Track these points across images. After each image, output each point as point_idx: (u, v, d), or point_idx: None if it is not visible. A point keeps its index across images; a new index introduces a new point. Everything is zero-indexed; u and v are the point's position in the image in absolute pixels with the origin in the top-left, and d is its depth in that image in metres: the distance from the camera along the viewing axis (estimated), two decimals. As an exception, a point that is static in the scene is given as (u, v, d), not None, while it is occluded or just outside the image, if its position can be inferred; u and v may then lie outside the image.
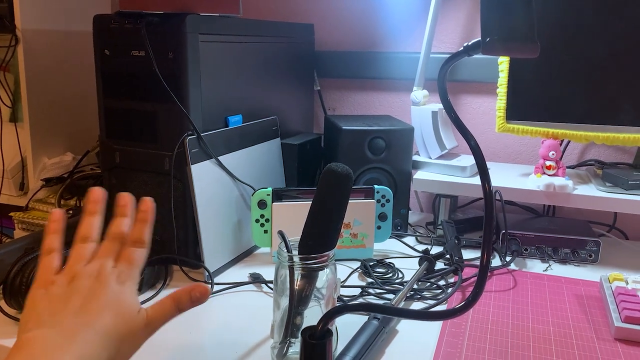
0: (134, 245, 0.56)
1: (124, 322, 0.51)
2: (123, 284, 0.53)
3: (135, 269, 0.55)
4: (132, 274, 0.54)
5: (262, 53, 1.03)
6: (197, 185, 0.84)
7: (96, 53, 0.89)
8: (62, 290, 0.51)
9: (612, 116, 1.00)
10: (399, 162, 1.06)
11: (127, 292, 0.53)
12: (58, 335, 0.47)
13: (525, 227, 1.01)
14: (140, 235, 0.57)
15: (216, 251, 0.89)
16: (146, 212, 0.58)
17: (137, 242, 0.56)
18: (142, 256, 0.56)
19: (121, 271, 0.54)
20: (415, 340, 0.71)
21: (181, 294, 0.55)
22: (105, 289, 0.51)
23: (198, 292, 0.55)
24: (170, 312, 0.54)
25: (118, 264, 0.54)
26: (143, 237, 0.57)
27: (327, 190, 0.62)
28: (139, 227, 0.57)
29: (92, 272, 0.52)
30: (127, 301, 0.52)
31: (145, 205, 0.58)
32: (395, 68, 1.28)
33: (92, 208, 0.57)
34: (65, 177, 1.19)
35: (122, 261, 0.55)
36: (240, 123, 0.96)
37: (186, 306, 0.55)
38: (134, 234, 0.57)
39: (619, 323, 0.73)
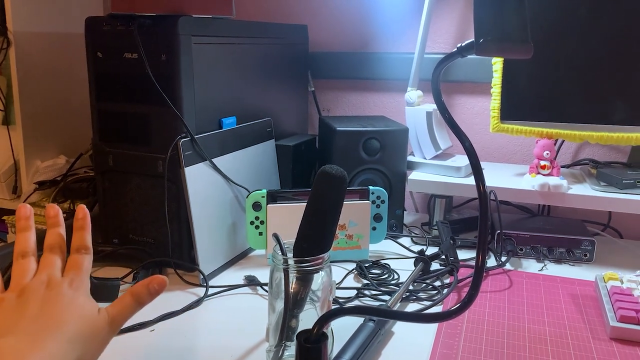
0: (78, 252, 0.56)
1: (87, 324, 0.51)
2: (76, 289, 0.53)
3: (84, 274, 0.55)
4: (82, 280, 0.55)
5: (255, 54, 1.02)
6: (191, 187, 0.84)
7: (88, 55, 0.89)
8: (14, 303, 0.51)
9: (606, 116, 1.00)
10: (393, 162, 1.05)
11: (82, 296, 0.53)
12: (22, 341, 0.46)
13: (520, 227, 1.01)
14: (81, 242, 0.57)
15: (211, 254, 0.89)
16: (83, 219, 0.58)
17: (80, 248, 0.57)
18: (89, 262, 0.57)
19: (72, 278, 0.54)
20: (412, 341, 0.71)
21: (139, 288, 0.55)
22: (58, 294, 0.51)
23: (156, 284, 0.55)
24: (130, 307, 0.54)
25: (66, 272, 0.54)
26: (85, 243, 0.57)
27: (321, 193, 0.61)
28: (79, 234, 0.57)
29: (41, 282, 0.52)
30: (84, 303, 0.52)
31: (81, 212, 0.58)
32: (390, 68, 1.28)
33: (24, 224, 0.57)
34: (58, 180, 1.18)
35: (70, 269, 0.55)
36: (234, 125, 0.95)
37: (146, 299, 0.55)
38: (75, 242, 0.57)
39: (614, 322, 0.73)
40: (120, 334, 0.72)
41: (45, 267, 0.54)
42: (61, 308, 0.50)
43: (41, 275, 0.53)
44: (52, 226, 0.58)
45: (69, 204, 1.13)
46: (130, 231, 0.92)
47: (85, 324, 0.51)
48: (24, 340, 0.46)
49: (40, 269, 0.54)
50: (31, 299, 0.50)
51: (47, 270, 0.54)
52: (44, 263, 0.55)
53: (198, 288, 0.85)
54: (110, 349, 0.68)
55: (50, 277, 0.53)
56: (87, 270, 0.56)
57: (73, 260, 0.56)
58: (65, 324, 0.49)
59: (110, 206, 0.93)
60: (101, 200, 0.94)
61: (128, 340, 0.71)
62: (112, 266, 0.91)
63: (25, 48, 1.15)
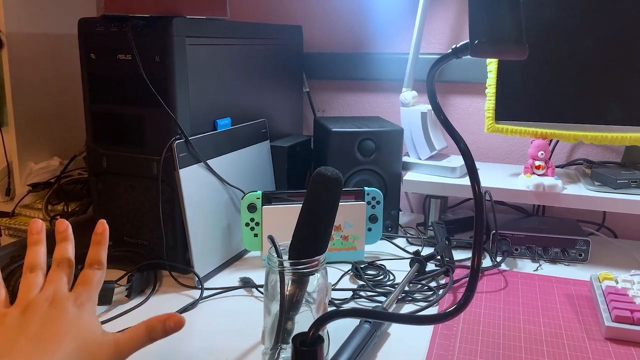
0: (90, 267, 0.55)
1: (85, 346, 0.49)
2: (81, 306, 0.52)
3: (94, 290, 0.54)
4: (90, 296, 0.54)
5: (250, 55, 1.02)
6: (185, 189, 0.83)
7: (82, 57, 0.88)
8: (16, 320, 0.50)
9: (601, 116, 1.00)
10: (388, 163, 1.05)
11: (86, 315, 0.52)
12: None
13: (515, 227, 1.01)
14: (96, 256, 0.56)
15: (206, 256, 0.88)
16: (101, 235, 0.58)
17: (93, 263, 0.56)
18: (100, 278, 0.56)
19: (78, 294, 0.53)
20: (407, 343, 0.71)
21: (155, 322, 0.54)
22: (62, 313, 0.50)
23: (172, 322, 0.54)
24: (141, 339, 0.53)
25: (75, 288, 0.54)
26: (100, 259, 0.56)
27: (316, 195, 0.61)
28: (95, 249, 0.57)
29: (45, 297, 0.52)
30: (86, 324, 0.51)
31: (101, 227, 0.58)
32: (384, 69, 1.28)
33: (35, 238, 0.57)
34: (52, 182, 1.18)
35: (79, 284, 0.54)
36: (229, 126, 0.95)
37: (159, 335, 0.53)
38: (89, 257, 0.56)
39: (609, 322, 0.73)
40: (115, 337, 0.71)
41: (51, 282, 0.54)
42: (61, 328, 0.49)
43: (47, 291, 0.52)
44: (61, 241, 0.57)
45: (62, 206, 1.13)
46: (125, 233, 0.91)
47: (85, 347, 0.49)
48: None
49: (47, 284, 0.53)
50: (33, 317, 0.50)
51: (53, 285, 0.53)
52: (51, 278, 0.54)
53: (193, 290, 0.85)
54: (105, 352, 0.68)
55: (56, 293, 0.52)
56: (96, 286, 0.55)
57: (84, 275, 0.55)
58: (62, 347, 0.48)
59: (104, 208, 0.93)
60: (95, 202, 0.93)
61: (123, 343, 0.70)
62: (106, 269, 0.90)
63: (18, 49, 1.14)
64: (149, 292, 0.83)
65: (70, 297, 0.52)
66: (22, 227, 1.08)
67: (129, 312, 0.78)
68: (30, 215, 1.11)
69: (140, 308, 0.79)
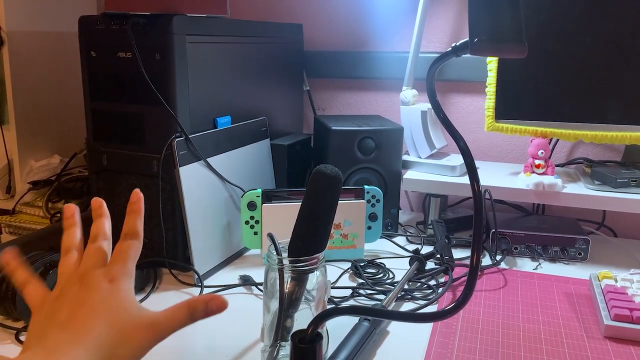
0: (125, 239, 0.53)
1: (118, 327, 0.47)
2: (114, 282, 0.49)
3: (129, 262, 0.51)
4: (126, 270, 0.51)
5: (250, 53, 1.02)
6: (185, 187, 0.84)
7: (82, 55, 0.88)
8: (50, 306, 0.48)
9: (601, 115, 1.00)
10: (388, 162, 1.05)
11: (120, 292, 0.49)
12: (39, 356, 0.43)
13: (515, 226, 1.01)
14: (132, 226, 0.53)
15: (206, 253, 0.88)
16: (136, 203, 0.54)
17: (129, 234, 0.53)
18: (136, 249, 0.53)
19: (110, 268, 0.50)
20: (407, 340, 0.71)
21: (197, 303, 0.50)
22: (92, 291, 0.48)
23: (215, 305, 0.50)
24: (182, 319, 0.50)
25: (110, 262, 0.51)
26: (135, 229, 0.53)
27: (316, 193, 0.61)
28: (130, 218, 0.54)
29: (77, 277, 0.50)
30: (120, 302, 0.48)
31: (136, 196, 0.55)
32: (385, 68, 1.28)
33: (70, 222, 0.56)
34: (52, 179, 1.18)
35: (114, 257, 0.51)
36: (229, 124, 0.95)
37: (200, 316, 0.50)
38: (125, 227, 0.53)
39: (608, 321, 0.73)
40: (115, 335, 0.71)
41: (84, 259, 0.52)
42: (91, 309, 0.47)
43: (79, 270, 0.51)
44: (97, 217, 0.55)
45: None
46: (125, 231, 0.91)
47: (118, 328, 0.47)
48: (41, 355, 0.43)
49: (82, 262, 0.52)
50: (64, 301, 0.48)
51: (86, 262, 0.51)
52: (85, 255, 0.52)
53: (193, 288, 0.85)
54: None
55: (86, 270, 0.50)
56: (132, 259, 0.52)
57: (118, 248, 0.52)
58: (92, 331, 0.45)
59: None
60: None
61: (122, 340, 0.70)
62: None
63: (18, 47, 1.14)
64: (149, 289, 0.84)
65: (101, 273, 0.49)
66: (22, 224, 1.08)
67: (128, 309, 0.78)
68: (30, 212, 1.12)
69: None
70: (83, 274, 0.50)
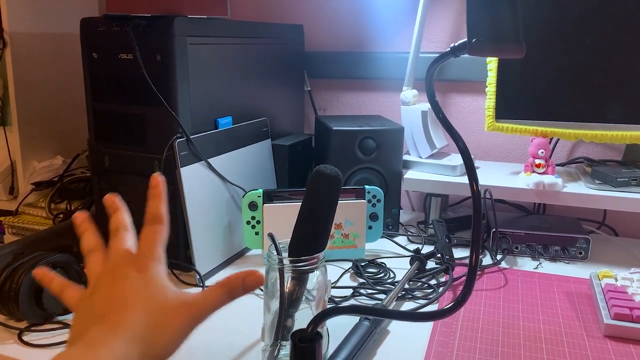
0: (150, 224, 0.52)
1: (154, 313, 0.46)
2: (142, 269, 0.49)
3: (156, 247, 0.51)
4: (154, 255, 0.50)
5: (251, 54, 1.03)
6: (186, 188, 0.84)
7: (84, 56, 0.89)
8: (87, 303, 0.49)
9: (601, 114, 1.00)
10: (389, 162, 1.06)
11: (151, 277, 0.48)
12: (80, 350, 0.44)
13: (515, 225, 1.01)
14: (154, 211, 0.52)
15: (207, 254, 0.89)
16: (157, 187, 0.54)
17: (153, 219, 0.52)
18: (162, 233, 0.52)
19: (138, 257, 0.50)
20: (407, 340, 0.72)
21: (234, 280, 0.49)
22: (123, 283, 0.48)
23: (253, 280, 0.49)
24: (221, 298, 0.49)
25: (137, 251, 0.51)
26: (159, 212, 0.52)
27: (316, 193, 0.62)
28: (152, 203, 0.53)
29: (107, 272, 0.50)
30: (153, 287, 0.48)
31: (155, 180, 0.54)
32: (385, 68, 1.28)
33: (83, 228, 0.56)
34: (55, 180, 1.19)
35: (140, 246, 0.51)
36: (230, 125, 0.96)
37: (239, 293, 0.49)
38: (148, 212, 0.52)
39: (608, 320, 0.73)
40: (117, 334, 0.72)
41: (110, 254, 0.52)
42: (124, 299, 0.47)
43: (108, 265, 0.51)
44: (113, 212, 0.55)
45: (65, 205, 1.14)
46: (127, 231, 0.92)
47: (154, 314, 0.46)
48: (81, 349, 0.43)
49: (108, 257, 0.52)
50: (98, 297, 0.48)
51: (113, 256, 0.51)
52: (110, 250, 0.52)
53: (194, 288, 0.85)
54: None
55: (115, 263, 0.50)
56: (159, 244, 0.51)
57: (143, 236, 0.51)
58: (128, 322, 0.45)
59: (106, 207, 0.93)
60: (97, 201, 0.94)
61: (124, 340, 0.71)
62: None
63: (21, 49, 1.15)
64: (151, 289, 0.84)
65: (129, 263, 0.49)
66: (25, 225, 1.08)
67: (130, 309, 0.79)
68: (33, 213, 1.12)
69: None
70: (112, 268, 0.50)
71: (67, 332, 0.72)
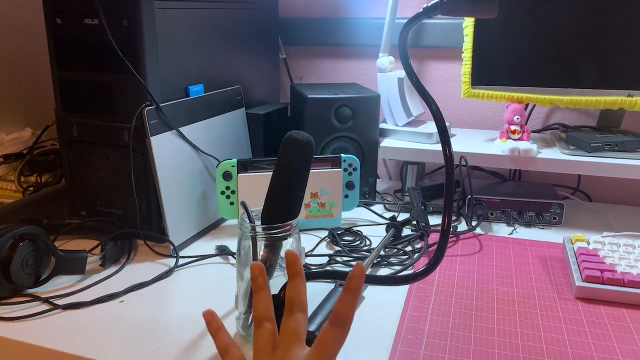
0: (332, 324, 0.45)
1: None
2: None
3: (329, 355, 0.45)
4: None
5: (223, 20, 1.00)
6: (157, 157, 0.82)
7: (47, 22, 0.85)
8: None
9: (576, 79, 1.00)
10: (365, 130, 1.05)
11: None
12: None
13: (491, 192, 1.01)
14: (342, 311, 0.45)
15: (181, 224, 0.88)
16: (354, 279, 0.46)
17: (336, 319, 0.46)
18: (340, 339, 0.45)
19: None
20: (382, 305, 0.72)
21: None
22: None
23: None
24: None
25: (310, 352, 0.45)
26: (347, 315, 0.45)
27: (287, 159, 0.61)
28: (344, 300, 0.45)
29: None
30: None
31: (358, 271, 0.46)
32: (362, 34, 1.26)
33: (258, 284, 0.51)
34: (24, 153, 1.16)
35: (314, 349, 0.45)
36: (201, 93, 0.93)
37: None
38: (336, 309, 0.45)
39: (579, 282, 0.74)
40: (89, 306, 0.71)
41: (281, 341, 0.48)
42: None
43: (277, 355, 0.47)
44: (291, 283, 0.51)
45: (35, 177, 1.11)
46: (98, 203, 0.90)
47: None
48: None
49: (279, 346, 0.48)
50: None
51: (283, 347, 0.47)
52: (282, 336, 0.48)
53: (168, 259, 0.84)
54: (79, 320, 0.68)
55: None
56: (332, 352, 0.46)
57: (320, 336, 0.46)
58: None
59: (76, 178, 0.91)
60: (67, 171, 0.92)
61: (97, 311, 0.70)
62: (80, 239, 0.90)
63: (-18, 16, 1.11)
64: (124, 261, 0.83)
65: None
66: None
67: (103, 281, 0.77)
68: (2, 187, 1.10)
69: (115, 276, 0.79)
70: None
71: (36, 305, 0.71)
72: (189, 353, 0.62)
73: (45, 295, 0.73)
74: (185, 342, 0.64)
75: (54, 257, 0.75)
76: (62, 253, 0.76)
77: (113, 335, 0.65)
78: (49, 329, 0.66)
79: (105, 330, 0.66)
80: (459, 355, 0.61)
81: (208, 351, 0.62)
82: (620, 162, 0.95)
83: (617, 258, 0.78)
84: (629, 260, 0.77)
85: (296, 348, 0.46)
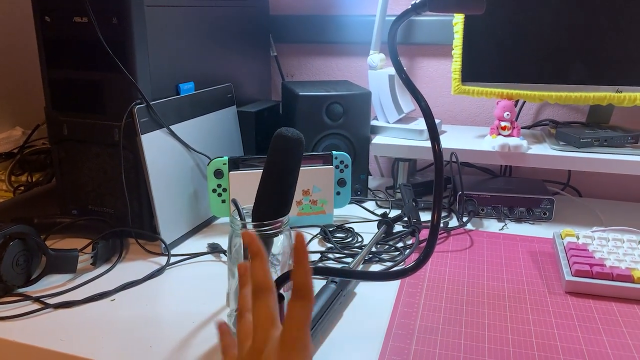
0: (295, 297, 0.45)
1: None
2: None
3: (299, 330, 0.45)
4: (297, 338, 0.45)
5: (213, 17, 1.00)
6: (148, 155, 0.82)
7: (36, 20, 0.85)
8: None
9: (565, 75, 1.01)
10: (357, 127, 1.05)
11: None
12: None
13: (481, 188, 1.02)
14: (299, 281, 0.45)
15: (172, 223, 0.88)
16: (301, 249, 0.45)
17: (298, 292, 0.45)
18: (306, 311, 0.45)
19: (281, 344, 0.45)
20: (373, 301, 0.72)
21: None
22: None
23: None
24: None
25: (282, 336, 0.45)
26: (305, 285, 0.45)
27: (277, 156, 0.61)
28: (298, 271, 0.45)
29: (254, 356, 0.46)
30: None
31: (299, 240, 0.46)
32: (353, 32, 1.26)
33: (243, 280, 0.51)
34: (15, 152, 1.15)
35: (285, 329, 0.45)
36: (192, 90, 0.93)
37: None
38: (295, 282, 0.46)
39: (569, 277, 0.75)
40: (80, 305, 0.71)
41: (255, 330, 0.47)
42: None
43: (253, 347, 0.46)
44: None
45: (26, 177, 1.11)
46: (89, 202, 0.90)
47: None
48: None
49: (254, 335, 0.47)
50: None
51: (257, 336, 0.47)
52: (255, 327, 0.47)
53: (160, 257, 0.84)
54: (70, 319, 0.68)
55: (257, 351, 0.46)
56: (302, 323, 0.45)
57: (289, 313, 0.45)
58: None
59: (67, 176, 0.91)
60: (57, 170, 0.91)
61: (88, 310, 0.70)
62: (71, 238, 0.89)
63: (-30, 14, 1.10)
64: (115, 259, 0.83)
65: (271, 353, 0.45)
66: (-16, 198, 1.05)
67: (94, 279, 0.77)
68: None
69: (107, 275, 0.79)
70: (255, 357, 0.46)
71: (27, 304, 0.71)
72: (180, 351, 0.62)
73: (36, 295, 0.73)
74: (177, 340, 0.64)
75: (45, 256, 0.75)
76: (53, 252, 0.76)
77: (104, 334, 0.65)
78: (40, 328, 0.66)
79: (97, 329, 0.66)
80: (450, 350, 0.62)
81: (200, 349, 0.62)
82: (610, 157, 0.96)
83: (606, 252, 0.79)
84: (617, 255, 0.78)
85: (271, 331, 0.46)
